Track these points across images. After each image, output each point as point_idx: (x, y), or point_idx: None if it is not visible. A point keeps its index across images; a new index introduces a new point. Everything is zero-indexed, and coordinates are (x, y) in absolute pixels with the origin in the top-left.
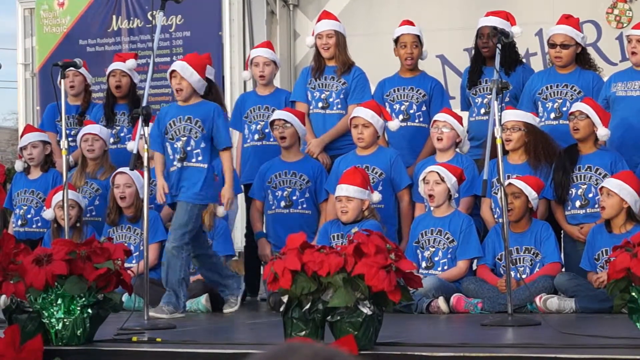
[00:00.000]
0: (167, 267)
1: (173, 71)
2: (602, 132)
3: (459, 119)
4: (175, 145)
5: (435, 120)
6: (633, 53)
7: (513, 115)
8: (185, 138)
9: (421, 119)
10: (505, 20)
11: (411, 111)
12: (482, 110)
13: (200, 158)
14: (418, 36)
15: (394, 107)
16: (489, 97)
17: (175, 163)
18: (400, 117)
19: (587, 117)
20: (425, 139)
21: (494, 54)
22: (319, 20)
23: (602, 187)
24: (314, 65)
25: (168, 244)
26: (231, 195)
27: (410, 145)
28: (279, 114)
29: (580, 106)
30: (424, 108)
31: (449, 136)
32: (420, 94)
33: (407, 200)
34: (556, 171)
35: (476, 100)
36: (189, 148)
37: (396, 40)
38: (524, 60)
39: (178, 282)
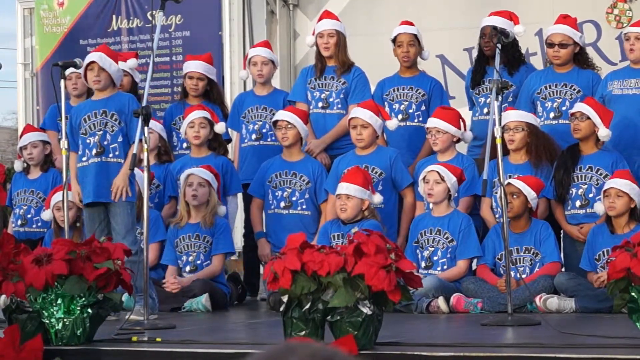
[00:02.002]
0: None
1: (90, 63)
2: (603, 133)
3: (453, 117)
4: (88, 141)
5: (427, 127)
6: (631, 50)
7: (515, 116)
8: (101, 132)
9: (420, 119)
10: (508, 20)
11: (410, 111)
12: (485, 110)
13: (117, 153)
14: (415, 35)
15: (394, 106)
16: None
17: (85, 160)
18: (400, 116)
19: (588, 118)
20: (424, 139)
21: (494, 54)
22: (320, 19)
23: (611, 187)
24: (315, 65)
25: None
26: (121, 184)
27: (409, 145)
28: (282, 114)
29: (581, 107)
30: (423, 108)
31: (443, 140)
32: (419, 93)
33: (412, 197)
34: (557, 170)
35: (479, 100)
36: (105, 142)
37: (394, 40)
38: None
39: (149, 284)
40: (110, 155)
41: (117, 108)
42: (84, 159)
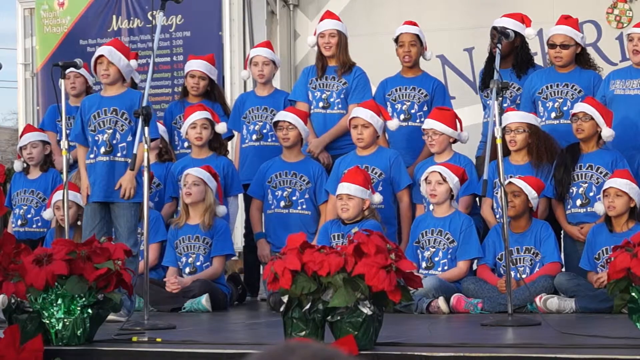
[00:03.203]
0: None
1: (100, 57)
2: (607, 133)
3: (449, 118)
4: (97, 138)
5: (423, 128)
6: (634, 52)
7: (516, 117)
8: (110, 131)
9: (422, 119)
10: (520, 22)
11: (412, 111)
12: None
13: (125, 152)
14: (417, 35)
15: (396, 106)
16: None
17: (92, 157)
18: (402, 116)
19: (592, 118)
20: None
21: (503, 55)
22: (321, 19)
23: (610, 187)
24: (316, 65)
25: None
26: (128, 184)
27: (411, 145)
28: (284, 115)
29: (583, 107)
30: (425, 108)
31: (439, 141)
32: (422, 93)
33: (407, 201)
34: (557, 169)
35: (488, 102)
36: (114, 141)
37: (396, 40)
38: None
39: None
40: (119, 154)
41: (127, 106)
42: (92, 156)
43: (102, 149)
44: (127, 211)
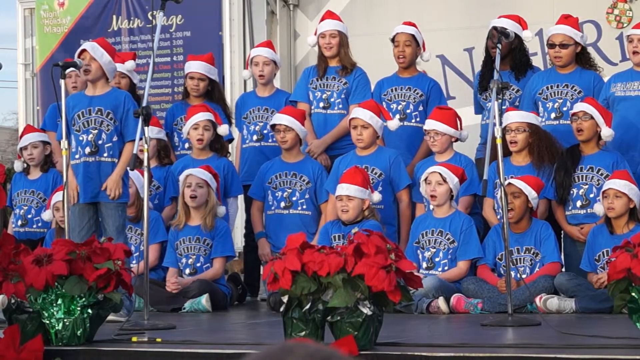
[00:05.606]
0: None
1: (82, 51)
2: (607, 133)
3: (450, 117)
4: (81, 138)
5: (425, 129)
6: (634, 53)
7: (517, 117)
8: (96, 131)
9: (418, 119)
10: (517, 23)
11: (408, 111)
12: None
13: (111, 152)
14: (412, 35)
15: (391, 106)
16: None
17: (77, 157)
18: (397, 116)
19: (591, 117)
20: (421, 139)
21: (501, 57)
22: (322, 19)
23: (610, 188)
24: (318, 65)
25: None
26: (113, 185)
27: (407, 145)
28: (279, 118)
29: (583, 106)
30: (421, 108)
31: (442, 141)
32: (417, 94)
33: (407, 201)
34: (558, 171)
35: (487, 105)
36: (100, 142)
37: (393, 40)
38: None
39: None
40: (105, 154)
41: (112, 106)
42: (77, 156)
43: (87, 149)
44: (115, 211)
